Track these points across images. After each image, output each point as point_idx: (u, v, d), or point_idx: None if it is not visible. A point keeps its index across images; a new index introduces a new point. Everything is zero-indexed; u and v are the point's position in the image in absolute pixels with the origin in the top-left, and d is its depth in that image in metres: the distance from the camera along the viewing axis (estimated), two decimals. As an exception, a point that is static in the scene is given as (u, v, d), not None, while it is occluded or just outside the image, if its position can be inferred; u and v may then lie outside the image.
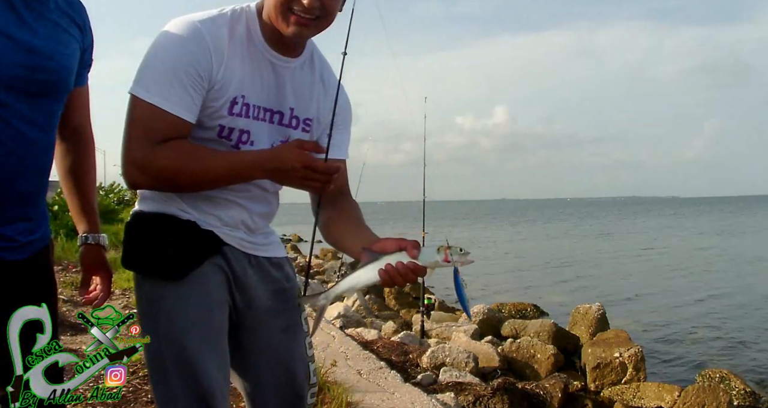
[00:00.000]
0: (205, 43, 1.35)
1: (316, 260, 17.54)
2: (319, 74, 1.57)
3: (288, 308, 1.62)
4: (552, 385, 5.07)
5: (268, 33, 1.44)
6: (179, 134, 1.36)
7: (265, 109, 1.46)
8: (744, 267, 17.44)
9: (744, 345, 8.55)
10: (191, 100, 1.35)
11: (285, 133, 1.51)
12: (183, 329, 1.40)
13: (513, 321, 8.23)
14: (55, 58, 1.33)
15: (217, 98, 1.38)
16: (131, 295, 6.65)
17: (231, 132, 1.42)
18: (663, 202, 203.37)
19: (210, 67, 1.35)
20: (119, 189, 22.76)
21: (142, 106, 1.33)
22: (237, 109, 1.40)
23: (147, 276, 1.46)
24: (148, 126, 1.33)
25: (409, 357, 5.32)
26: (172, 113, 1.33)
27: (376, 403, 3.65)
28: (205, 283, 1.44)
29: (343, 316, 7.08)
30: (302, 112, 1.53)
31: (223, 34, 1.38)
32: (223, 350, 1.48)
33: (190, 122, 1.36)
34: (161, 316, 1.42)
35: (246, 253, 1.53)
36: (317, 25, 1.42)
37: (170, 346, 1.40)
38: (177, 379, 1.40)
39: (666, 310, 11.04)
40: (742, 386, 5.82)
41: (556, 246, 26.44)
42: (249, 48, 1.43)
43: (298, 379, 1.60)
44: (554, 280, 15.50)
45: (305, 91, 1.53)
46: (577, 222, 54.04)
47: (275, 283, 1.59)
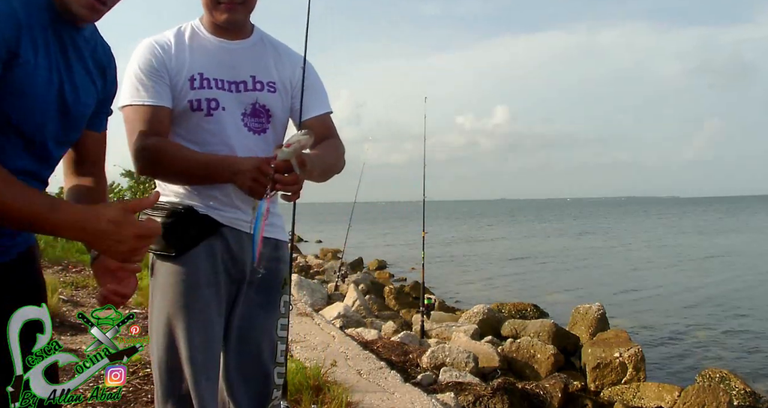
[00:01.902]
0: (155, 48, 1.70)
1: (316, 260, 17.54)
2: (272, 49, 1.86)
3: (271, 287, 1.81)
4: (552, 385, 5.07)
5: (211, 27, 1.78)
6: (160, 118, 1.66)
7: (228, 81, 1.74)
8: (744, 266, 17.44)
9: (744, 345, 8.55)
10: (158, 89, 1.66)
11: (252, 97, 1.76)
12: (171, 302, 1.65)
13: (513, 321, 8.23)
14: (84, 114, 1.33)
15: (177, 80, 1.69)
16: (131, 295, 6.64)
17: (199, 102, 1.69)
18: (663, 202, 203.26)
19: (163, 61, 1.69)
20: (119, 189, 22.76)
21: (127, 111, 1.67)
22: (197, 83, 1.70)
23: (153, 256, 1.70)
24: (136, 121, 1.65)
25: (409, 357, 5.32)
26: (146, 104, 1.65)
27: (376, 403, 3.65)
28: (195, 261, 1.66)
29: (343, 316, 7.09)
30: (263, 77, 1.79)
31: (169, 39, 1.73)
32: (209, 323, 1.67)
33: (164, 106, 1.67)
34: (156, 289, 1.69)
35: (246, 232, 1.71)
36: (243, 9, 1.73)
37: (159, 316, 1.66)
38: (161, 347, 1.64)
39: (666, 310, 11.04)
40: (742, 386, 5.82)
41: (557, 246, 26.44)
42: (195, 39, 1.75)
43: (263, 356, 1.78)
44: (554, 279, 15.51)
45: (262, 61, 1.81)
46: (578, 222, 54.05)
47: (268, 262, 1.77)
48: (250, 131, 1.75)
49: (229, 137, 1.71)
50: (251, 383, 1.76)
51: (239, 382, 1.73)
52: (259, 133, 1.77)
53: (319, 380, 3.65)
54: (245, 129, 1.74)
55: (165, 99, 1.66)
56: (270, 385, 1.79)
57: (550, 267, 18.41)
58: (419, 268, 7.50)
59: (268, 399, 1.80)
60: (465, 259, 20.99)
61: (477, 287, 14.24)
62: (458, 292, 13.25)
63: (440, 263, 18.50)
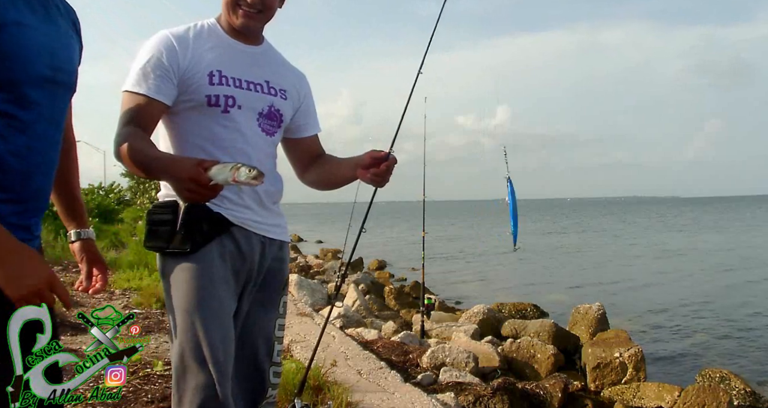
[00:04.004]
0: (171, 42, 1.68)
1: (316, 260, 17.54)
2: (279, 59, 1.92)
3: (273, 287, 1.84)
4: (552, 385, 5.06)
5: (227, 27, 1.79)
6: (150, 111, 1.65)
7: (246, 81, 1.75)
8: (745, 266, 17.43)
9: (744, 345, 8.55)
10: (159, 83, 1.64)
11: (268, 100, 1.80)
12: (190, 298, 1.62)
13: (513, 321, 8.23)
14: (71, 61, 1.40)
15: (193, 74, 1.68)
16: (131, 295, 6.65)
17: (217, 99, 1.69)
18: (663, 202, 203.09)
19: (176, 56, 1.67)
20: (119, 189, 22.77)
21: (124, 96, 1.66)
22: (215, 79, 1.70)
23: (163, 255, 1.69)
24: (125, 108, 1.64)
25: (409, 357, 5.32)
26: (141, 94, 1.63)
27: (376, 403, 3.65)
28: (209, 259, 1.65)
29: (343, 316, 7.08)
30: (277, 84, 1.84)
31: (187, 34, 1.73)
32: (226, 320, 1.66)
33: (160, 101, 1.65)
34: (172, 288, 1.66)
35: (255, 233, 1.75)
36: (261, 18, 1.76)
37: (180, 314, 1.63)
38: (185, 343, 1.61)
39: (666, 310, 11.03)
40: (742, 386, 5.81)
41: (556, 246, 26.43)
42: (213, 38, 1.76)
43: (259, 354, 1.80)
44: (554, 279, 15.50)
45: (275, 69, 1.86)
46: (578, 222, 54.03)
47: (272, 262, 1.81)
48: (263, 132, 1.78)
49: (243, 135, 1.73)
50: (245, 382, 1.77)
51: (234, 380, 1.73)
52: (270, 135, 1.81)
53: (319, 380, 3.65)
54: (259, 129, 1.77)
55: (163, 94, 1.65)
56: (264, 383, 1.81)
57: (551, 266, 18.40)
58: (419, 268, 7.50)
59: (262, 397, 1.82)
60: (465, 259, 20.98)
61: (477, 287, 14.24)
62: (458, 292, 13.24)
63: (440, 263, 18.50)
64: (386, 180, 1.79)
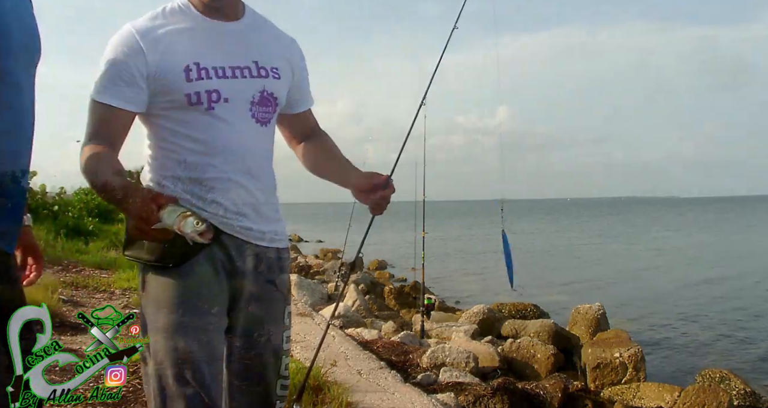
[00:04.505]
0: (134, 40, 1.49)
1: (316, 260, 17.54)
2: (267, 30, 1.70)
3: (274, 299, 1.67)
4: (552, 385, 5.06)
5: (199, 5, 1.57)
6: (114, 121, 1.49)
7: (231, 67, 1.56)
8: (746, 267, 17.43)
9: (744, 345, 8.55)
10: (125, 90, 1.47)
11: (259, 84, 1.60)
12: (172, 317, 1.48)
13: (513, 321, 8.23)
14: (36, 30, 1.34)
15: (167, 72, 1.49)
16: (131, 294, 6.65)
17: (198, 96, 1.50)
18: (663, 202, 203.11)
19: (143, 56, 1.48)
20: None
21: (90, 102, 1.50)
22: (193, 74, 1.51)
23: (144, 267, 1.54)
24: (90, 118, 1.49)
25: (408, 357, 5.32)
26: (104, 104, 1.47)
27: (375, 403, 3.65)
28: (196, 273, 1.51)
29: (343, 316, 7.08)
30: (268, 62, 1.63)
31: (154, 24, 1.52)
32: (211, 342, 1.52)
33: (125, 110, 1.49)
34: (153, 304, 1.51)
35: (249, 242, 1.59)
36: None
37: (161, 334, 1.48)
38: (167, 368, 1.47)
39: (666, 310, 11.04)
40: (742, 386, 5.81)
41: (556, 246, 26.42)
42: (186, 21, 1.55)
43: (268, 370, 1.66)
44: (554, 279, 15.50)
45: (262, 44, 1.65)
46: (578, 222, 54.01)
47: (270, 273, 1.65)
48: (258, 123, 1.60)
49: (235, 132, 1.55)
50: (250, 397, 1.66)
51: (239, 396, 1.63)
52: (265, 124, 1.63)
53: (319, 380, 3.65)
54: (253, 120, 1.59)
55: (130, 102, 1.49)
56: (270, 397, 1.68)
57: (551, 266, 18.40)
58: (419, 268, 7.50)
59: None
60: (465, 259, 20.98)
61: (477, 287, 14.24)
62: (458, 292, 13.24)
63: (440, 263, 18.49)
64: (384, 208, 1.71)
